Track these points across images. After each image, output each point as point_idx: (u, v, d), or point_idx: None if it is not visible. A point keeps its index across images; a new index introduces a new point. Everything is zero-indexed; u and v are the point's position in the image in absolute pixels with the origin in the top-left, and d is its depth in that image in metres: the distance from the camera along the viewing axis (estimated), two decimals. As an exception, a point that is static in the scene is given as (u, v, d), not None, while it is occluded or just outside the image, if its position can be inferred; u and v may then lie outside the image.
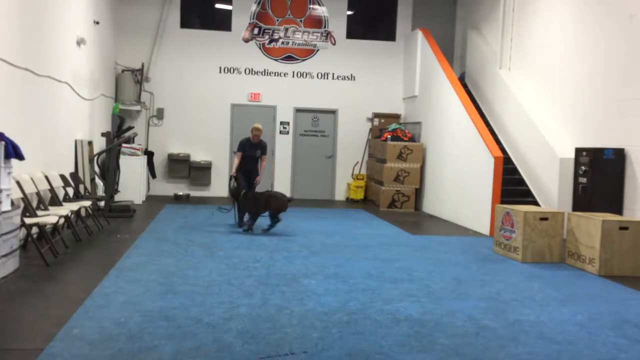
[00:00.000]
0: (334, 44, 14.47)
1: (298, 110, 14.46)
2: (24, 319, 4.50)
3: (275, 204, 8.84)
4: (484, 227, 9.81)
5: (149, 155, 13.39)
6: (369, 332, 4.46)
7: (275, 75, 14.33)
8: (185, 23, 14.02)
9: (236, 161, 9.46)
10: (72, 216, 7.95)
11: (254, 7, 14.21)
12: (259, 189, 9.59)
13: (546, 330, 4.71)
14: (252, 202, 8.92)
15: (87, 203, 8.43)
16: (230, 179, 9.60)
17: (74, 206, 7.86)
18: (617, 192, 8.61)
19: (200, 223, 9.69)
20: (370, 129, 14.54)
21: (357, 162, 14.63)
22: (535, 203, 10.09)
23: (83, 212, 8.65)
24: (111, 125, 12.45)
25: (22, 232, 6.45)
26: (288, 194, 14.22)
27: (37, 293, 5.24)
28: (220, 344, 4.06)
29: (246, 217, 9.20)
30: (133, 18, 13.65)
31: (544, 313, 5.20)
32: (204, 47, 13.98)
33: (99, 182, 10.93)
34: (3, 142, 5.66)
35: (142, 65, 13.66)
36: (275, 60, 14.32)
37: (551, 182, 9.71)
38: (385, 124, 14.01)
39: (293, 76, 14.38)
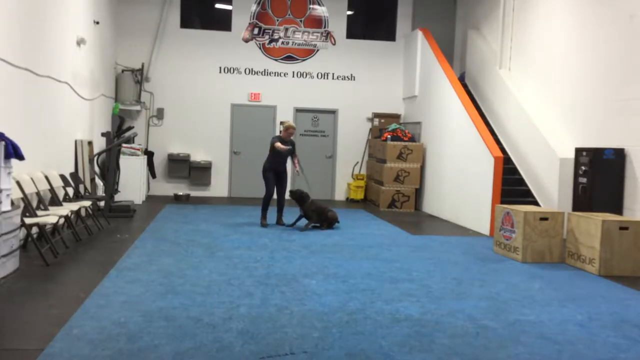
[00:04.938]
0: (334, 44, 14.47)
1: (298, 110, 14.46)
2: (24, 319, 4.50)
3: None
4: (484, 227, 9.81)
5: (149, 155, 13.39)
6: (369, 332, 4.46)
7: (275, 75, 14.33)
8: (185, 23, 14.02)
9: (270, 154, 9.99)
10: (72, 216, 7.96)
11: (254, 7, 14.21)
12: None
13: (546, 330, 4.71)
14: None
15: (87, 203, 8.43)
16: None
17: (74, 206, 7.86)
18: (617, 192, 8.61)
19: (201, 223, 9.69)
20: (370, 129, 14.54)
21: (357, 162, 14.63)
22: (535, 203, 10.09)
23: (83, 212, 8.66)
24: (111, 125, 12.45)
25: (22, 232, 6.45)
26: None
27: (37, 293, 5.24)
28: (220, 344, 4.06)
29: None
30: (133, 18, 13.66)
31: (544, 313, 5.20)
32: (204, 47, 13.98)
33: (99, 182, 10.92)
34: (3, 142, 5.66)
35: (142, 65, 13.67)
36: (275, 60, 14.32)
37: (551, 182, 9.71)
38: (385, 124, 14.00)
39: (293, 76, 14.38)
